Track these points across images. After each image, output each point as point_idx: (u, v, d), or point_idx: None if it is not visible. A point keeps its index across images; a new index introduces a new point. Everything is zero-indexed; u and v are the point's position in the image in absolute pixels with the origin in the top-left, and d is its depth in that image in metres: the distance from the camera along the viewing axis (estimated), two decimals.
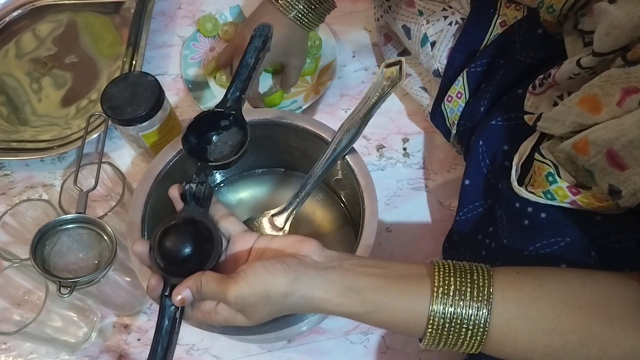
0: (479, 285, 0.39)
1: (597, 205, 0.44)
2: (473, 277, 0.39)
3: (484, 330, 0.38)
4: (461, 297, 0.38)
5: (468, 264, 0.41)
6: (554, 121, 0.47)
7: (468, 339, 0.38)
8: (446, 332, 0.38)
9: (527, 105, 0.52)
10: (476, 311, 0.38)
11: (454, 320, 0.38)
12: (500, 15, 0.61)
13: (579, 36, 0.49)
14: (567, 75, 0.46)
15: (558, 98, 0.50)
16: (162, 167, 0.57)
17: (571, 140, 0.44)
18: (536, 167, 0.48)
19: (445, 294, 0.38)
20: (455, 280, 0.39)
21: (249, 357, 0.61)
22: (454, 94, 0.62)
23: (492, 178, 0.55)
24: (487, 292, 0.38)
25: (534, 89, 0.51)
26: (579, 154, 0.43)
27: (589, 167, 0.43)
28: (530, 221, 0.47)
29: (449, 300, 0.38)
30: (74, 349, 0.61)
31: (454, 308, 0.38)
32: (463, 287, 0.39)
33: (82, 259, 0.55)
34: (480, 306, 0.38)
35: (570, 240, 0.45)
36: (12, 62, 0.82)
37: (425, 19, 0.66)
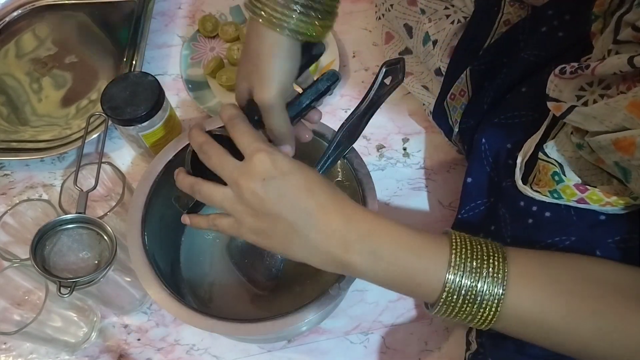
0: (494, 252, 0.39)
1: (606, 202, 0.44)
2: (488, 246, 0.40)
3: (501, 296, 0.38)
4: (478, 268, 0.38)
5: (482, 239, 0.41)
6: (591, 118, 0.43)
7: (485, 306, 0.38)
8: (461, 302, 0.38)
9: (550, 88, 0.48)
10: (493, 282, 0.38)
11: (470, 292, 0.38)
12: (505, 14, 0.61)
13: (612, 31, 0.45)
14: (612, 71, 0.43)
15: (587, 85, 0.47)
16: (162, 167, 0.57)
17: (611, 136, 0.41)
18: (541, 167, 0.48)
19: (462, 264, 0.38)
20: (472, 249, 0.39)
21: (249, 357, 0.61)
22: (457, 92, 0.62)
23: (495, 176, 0.55)
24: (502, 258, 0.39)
25: (563, 73, 0.47)
26: (620, 152, 0.41)
27: (626, 166, 0.41)
28: (535, 220, 0.47)
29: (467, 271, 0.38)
30: (74, 349, 0.61)
31: (471, 281, 0.38)
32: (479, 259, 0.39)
33: (82, 259, 0.55)
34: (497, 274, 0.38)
35: (576, 239, 0.45)
36: (12, 62, 0.82)
37: (427, 18, 0.66)
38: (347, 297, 0.62)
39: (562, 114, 0.45)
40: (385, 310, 0.62)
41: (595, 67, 0.44)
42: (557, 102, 0.47)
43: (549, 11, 0.56)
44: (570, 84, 0.47)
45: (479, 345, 0.51)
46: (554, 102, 0.47)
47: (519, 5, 0.60)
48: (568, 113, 0.45)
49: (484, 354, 0.48)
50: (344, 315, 0.62)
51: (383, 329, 0.61)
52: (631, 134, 0.39)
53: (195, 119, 0.77)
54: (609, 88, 0.44)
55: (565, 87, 0.47)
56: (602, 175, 0.45)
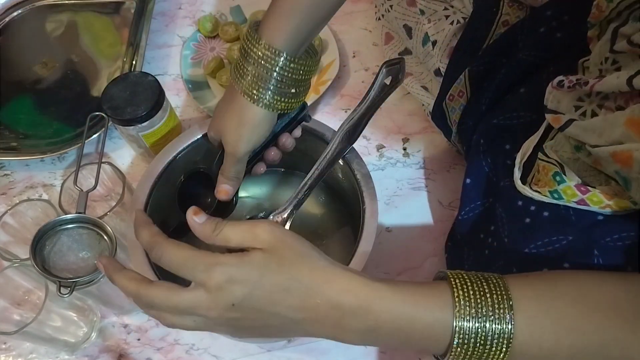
0: (497, 291, 0.37)
1: (606, 204, 0.44)
2: (489, 282, 0.38)
3: (510, 335, 0.36)
4: (483, 307, 0.37)
5: (479, 273, 0.39)
6: (590, 132, 0.43)
7: (495, 348, 0.37)
8: (472, 346, 0.36)
9: (548, 99, 0.49)
10: (501, 318, 0.36)
11: (480, 334, 0.36)
12: (503, 15, 0.61)
13: (608, 40, 0.45)
14: (611, 90, 0.43)
15: (585, 96, 0.47)
16: (162, 167, 0.57)
17: (609, 149, 0.41)
18: (541, 167, 0.48)
19: (467, 309, 0.36)
20: (475, 291, 0.37)
21: (249, 357, 0.61)
22: (455, 93, 0.62)
23: (494, 177, 0.55)
24: (506, 296, 0.37)
25: (561, 86, 0.48)
26: (619, 164, 0.41)
27: (626, 176, 0.41)
28: (532, 219, 0.47)
29: (473, 314, 0.36)
30: (73, 349, 0.61)
31: (479, 320, 0.36)
32: (483, 298, 0.37)
33: (82, 259, 0.55)
34: (503, 311, 0.36)
35: (573, 238, 0.45)
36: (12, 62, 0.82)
37: (427, 18, 0.66)
38: None
39: (561, 127, 0.46)
40: None
41: (593, 85, 0.44)
42: (555, 114, 0.48)
43: (548, 12, 0.56)
44: (568, 95, 0.48)
45: None
46: (552, 113, 0.48)
47: (517, 6, 0.60)
48: (567, 126, 0.45)
49: None
50: None
51: None
52: (628, 148, 0.40)
53: (195, 119, 0.77)
54: (607, 99, 0.44)
55: (563, 98, 0.48)
56: (600, 177, 0.45)
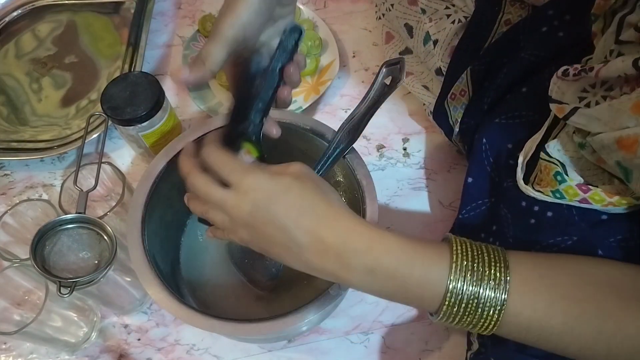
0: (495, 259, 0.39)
1: (608, 202, 0.44)
2: (489, 251, 0.40)
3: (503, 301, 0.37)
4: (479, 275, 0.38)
5: (482, 243, 0.41)
6: (595, 120, 0.43)
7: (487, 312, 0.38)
8: (463, 308, 0.38)
9: (552, 89, 0.48)
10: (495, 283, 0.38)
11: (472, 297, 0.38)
12: (505, 14, 0.61)
13: (614, 32, 0.45)
14: (617, 74, 0.43)
15: (590, 87, 0.46)
16: (162, 167, 0.57)
17: (615, 134, 0.41)
18: (542, 167, 0.48)
19: (463, 271, 0.38)
20: (473, 254, 0.39)
21: (249, 357, 0.61)
22: (457, 92, 0.62)
23: (496, 176, 0.55)
24: (504, 262, 0.38)
25: (566, 75, 0.47)
26: (623, 150, 0.41)
27: (628, 165, 0.41)
28: (537, 220, 0.47)
29: (468, 277, 0.38)
30: (74, 349, 0.61)
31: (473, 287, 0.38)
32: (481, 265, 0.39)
33: (82, 259, 0.55)
34: (499, 272, 0.38)
35: (578, 239, 0.45)
36: (12, 62, 0.82)
37: (428, 17, 0.66)
38: (347, 297, 0.62)
39: (565, 116, 0.45)
40: (385, 310, 0.62)
41: (599, 70, 0.43)
42: (560, 104, 0.47)
43: (550, 11, 0.56)
44: (572, 86, 0.47)
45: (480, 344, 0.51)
46: (557, 103, 0.47)
47: (519, 5, 0.60)
48: (571, 115, 0.45)
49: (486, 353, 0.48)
50: (344, 315, 0.62)
51: (383, 328, 0.61)
52: (635, 132, 0.39)
53: (195, 119, 0.77)
54: (611, 89, 0.44)
55: (568, 88, 0.47)
56: (604, 175, 0.45)
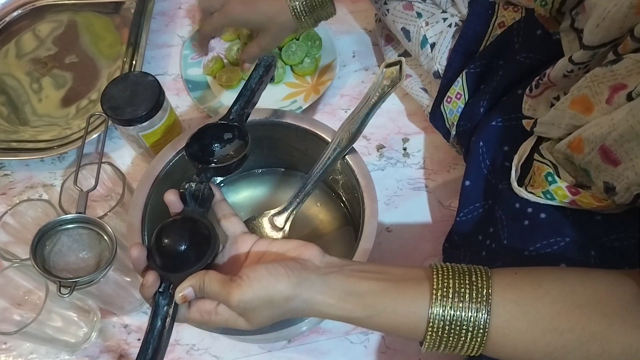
0: (477, 287, 0.38)
1: (597, 205, 0.44)
2: (472, 279, 0.39)
3: (484, 332, 0.38)
4: (460, 299, 0.38)
5: (467, 266, 0.41)
6: (550, 125, 0.47)
7: (468, 341, 0.38)
8: (446, 335, 0.38)
9: (525, 108, 0.52)
10: (475, 313, 0.38)
11: (453, 323, 0.38)
12: (499, 17, 0.61)
13: (576, 36, 0.49)
14: (561, 73, 0.46)
15: (555, 99, 0.50)
16: (162, 167, 0.57)
17: (566, 140, 0.44)
18: (536, 168, 0.48)
19: (445, 297, 0.38)
20: (454, 283, 0.39)
21: (249, 357, 0.61)
22: (453, 95, 0.62)
23: (493, 179, 0.55)
24: (486, 294, 0.38)
25: (531, 91, 0.51)
26: (575, 152, 0.43)
27: (584, 166, 0.43)
28: (531, 221, 0.47)
29: (449, 303, 0.38)
30: (74, 349, 0.61)
31: (454, 311, 0.38)
32: (462, 289, 0.38)
33: (82, 259, 0.55)
34: (479, 308, 0.38)
35: (570, 239, 0.45)
36: (12, 62, 0.82)
37: (424, 21, 0.66)
38: None
39: (531, 128, 0.49)
40: None
41: (549, 74, 0.47)
42: (529, 119, 0.50)
43: None
44: (542, 101, 0.50)
45: None
46: (528, 118, 0.51)
47: (512, 8, 0.60)
48: (535, 126, 0.49)
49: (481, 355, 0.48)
50: None
51: None
52: (578, 133, 0.42)
53: (195, 119, 0.77)
54: None
55: (538, 104, 0.51)
56: None
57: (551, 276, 0.40)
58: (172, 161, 0.57)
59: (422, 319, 0.38)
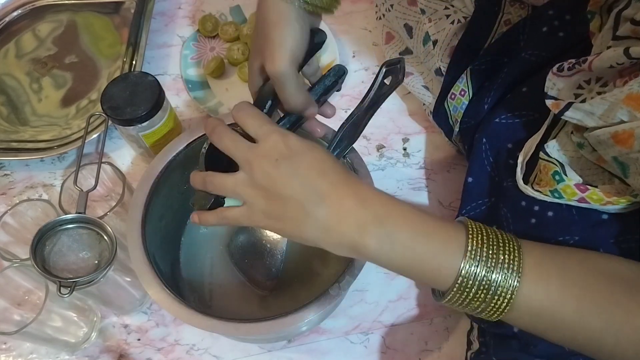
0: (509, 245, 0.38)
1: (607, 201, 0.44)
2: (503, 237, 0.39)
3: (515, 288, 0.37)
4: (493, 259, 0.38)
5: (496, 229, 0.40)
6: (589, 114, 0.43)
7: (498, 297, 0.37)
8: (474, 292, 0.38)
9: (548, 86, 0.48)
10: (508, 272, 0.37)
11: (483, 283, 0.37)
12: (505, 14, 0.61)
13: (611, 27, 0.46)
14: (609, 64, 0.43)
15: (585, 82, 0.46)
16: (162, 167, 0.57)
17: (610, 130, 0.41)
18: (542, 166, 0.48)
19: (478, 255, 0.38)
20: (489, 242, 0.38)
21: (249, 357, 0.61)
22: (457, 92, 0.62)
23: (496, 176, 0.55)
24: (517, 250, 0.38)
25: (561, 71, 0.47)
26: (618, 144, 0.41)
27: (624, 160, 0.41)
28: (538, 220, 0.47)
29: (481, 262, 0.37)
30: (74, 349, 0.61)
31: (485, 271, 0.37)
32: (494, 249, 0.38)
33: (82, 259, 0.55)
34: (512, 264, 0.38)
35: (579, 238, 0.45)
36: (12, 62, 0.82)
37: (427, 18, 0.66)
38: (347, 297, 0.62)
39: (560, 111, 0.45)
40: (385, 310, 0.62)
41: (592, 61, 0.43)
42: (555, 100, 0.47)
43: (550, 11, 0.56)
44: (568, 82, 0.47)
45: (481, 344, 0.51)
46: (552, 99, 0.47)
47: (519, 5, 0.60)
48: (566, 110, 0.45)
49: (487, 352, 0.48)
50: (344, 315, 0.62)
51: (383, 329, 0.61)
52: (630, 127, 0.40)
53: (195, 119, 0.77)
54: (606, 85, 0.44)
55: (564, 85, 0.47)
56: (604, 175, 0.45)
57: (575, 249, 0.41)
58: (172, 161, 0.57)
59: (454, 266, 0.38)
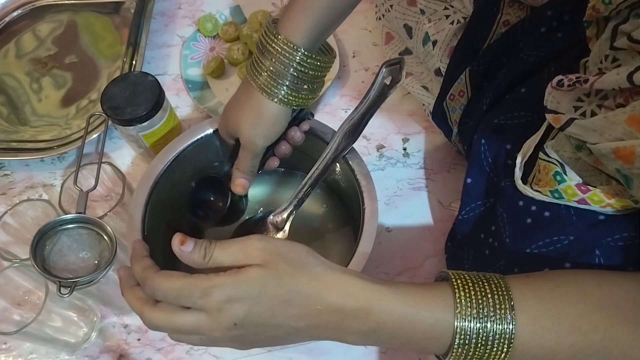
0: (499, 291, 0.37)
1: (607, 203, 0.44)
2: (490, 283, 0.38)
3: (511, 334, 0.36)
4: (485, 308, 0.37)
5: (481, 274, 0.39)
6: (591, 131, 0.43)
7: (497, 348, 0.37)
8: (473, 347, 0.37)
9: (547, 99, 0.49)
10: (502, 318, 0.37)
11: (480, 334, 0.37)
12: (504, 15, 0.61)
13: (608, 38, 0.45)
14: (611, 87, 0.43)
15: (585, 96, 0.47)
16: (162, 167, 0.57)
17: (612, 145, 0.41)
18: (541, 166, 0.48)
19: (469, 308, 0.37)
20: (476, 291, 0.37)
21: (249, 357, 0.61)
22: (456, 93, 0.62)
23: (495, 177, 0.55)
24: (507, 295, 0.37)
25: (560, 86, 0.48)
26: (621, 161, 0.41)
27: (627, 173, 0.41)
28: (534, 220, 0.47)
29: (474, 314, 0.37)
30: (74, 349, 0.61)
31: (480, 322, 0.37)
32: (484, 299, 0.37)
33: (82, 259, 0.55)
34: (505, 311, 0.37)
35: (574, 238, 0.45)
36: (12, 62, 0.83)
37: (427, 18, 0.66)
38: None
39: (562, 127, 0.46)
40: None
41: (593, 83, 0.44)
42: (555, 114, 0.47)
43: (548, 12, 0.56)
44: (567, 96, 0.48)
45: None
46: (553, 113, 0.48)
47: (518, 5, 0.60)
48: (567, 126, 0.45)
49: None
50: None
51: None
52: (631, 144, 0.39)
53: (195, 119, 0.77)
54: (606, 99, 0.44)
55: (563, 98, 0.48)
56: (602, 176, 0.45)
57: (566, 278, 0.39)
58: (172, 161, 0.57)
59: (447, 328, 0.37)
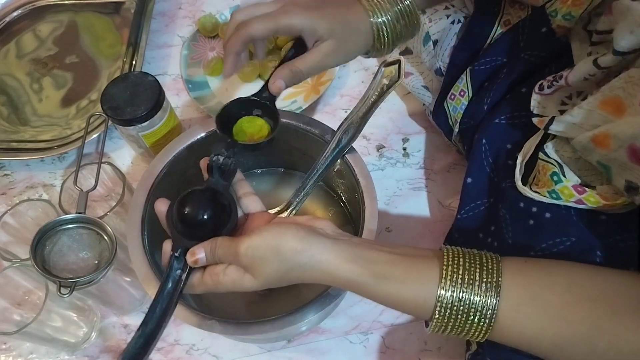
0: (487, 270, 0.39)
1: (604, 203, 0.44)
2: (482, 261, 0.39)
3: (492, 316, 0.38)
4: (470, 282, 0.38)
5: (477, 250, 0.41)
6: (571, 125, 0.45)
7: (476, 324, 0.38)
8: (454, 318, 0.38)
9: (533, 105, 0.51)
10: (485, 296, 0.38)
11: (462, 305, 0.38)
12: (504, 15, 0.61)
13: (586, 37, 0.48)
14: (582, 76, 0.45)
15: (567, 98, 0.49)
16: (162, 167, 0.57)
17: (589, 134, 0.43)
18: (540, 167, 0.48)
19: (454, 278, 0.38)
20: (465, 264, 0.39)
21: (249, 357, 0.61)
22: (457, 92, 0.62)
23: (495, 177, 0.55)
24: (496, 277, 0.38)
25: (542, 90, 0.50)
26: (598, 147, 0.42)
27: (606, 162, 0.42)
28: (535, 221, 0.47)
29: (458, 285, 0.38)
30: (74, 349, 0.61)
31: (463, 293, 0.38)
32: (472, 271, 0.39)
33: (82, 259, 0.55)
34: (489, 290, 0.38)
35: (576, 239, 0.45)
36: (13, 62, 0.83)
37: (428, 18, 0.66)
38: (347, 297, 0.62)
39: (546, 126, 0.48)
40: (385, 310, 0.62)
41: (567, 76, 0.46)
42: (540, 117, 0.49)
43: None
44: (552, 100, 0.49)
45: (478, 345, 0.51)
46: (538, 117, 0.49)
47: (518, 5, 0.60)
48: (550, 124, 0.47)
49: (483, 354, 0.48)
50: (343, 315, 0.62)
51: (383, 328, 0.61)
52: (606, 128, 0.41)
53: (195, 119, 0.77)
54: (587, 98, 0.45)
55: (548, 103, 0.50)
56: (602, 176, 0.45)
57: (560, 268, 0.40)
58: (172, 161, 0.57)
59: (430, 296, 0.39)
